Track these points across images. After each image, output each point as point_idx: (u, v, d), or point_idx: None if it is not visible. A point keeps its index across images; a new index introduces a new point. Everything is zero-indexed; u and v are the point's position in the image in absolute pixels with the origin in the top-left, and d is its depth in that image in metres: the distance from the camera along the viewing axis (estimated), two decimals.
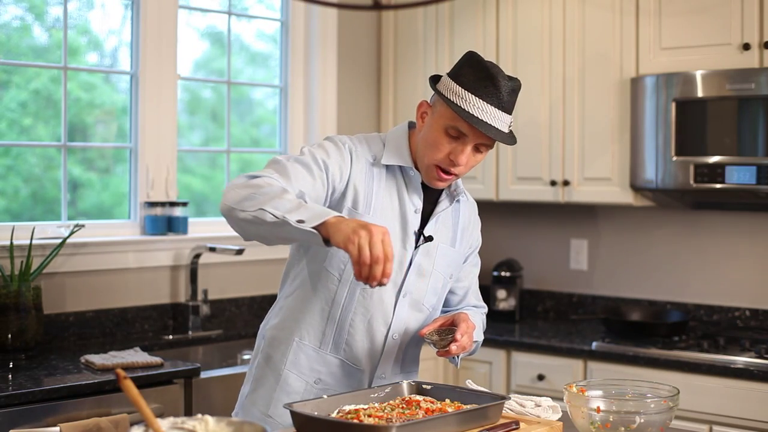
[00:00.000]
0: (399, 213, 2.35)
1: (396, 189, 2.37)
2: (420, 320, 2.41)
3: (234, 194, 2.11)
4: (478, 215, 2.56)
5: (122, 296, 3.72)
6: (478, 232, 2.56)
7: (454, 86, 2.26)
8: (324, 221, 1.99)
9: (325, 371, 2.35)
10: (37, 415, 2.79)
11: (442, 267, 2.42)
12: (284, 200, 2.05)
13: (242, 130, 4.39)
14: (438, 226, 2.41)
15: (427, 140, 2.31)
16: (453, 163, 2.28)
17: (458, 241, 2.46)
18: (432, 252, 2.39)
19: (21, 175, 3.69)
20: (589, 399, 2.05)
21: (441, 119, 2.28)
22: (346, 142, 2.34)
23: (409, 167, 2.36)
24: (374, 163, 2.35)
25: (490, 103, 2.23)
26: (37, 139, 3.71)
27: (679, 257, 4.08)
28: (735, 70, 3.50)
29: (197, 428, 1.64)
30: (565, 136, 3.99)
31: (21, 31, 3.68)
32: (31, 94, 3.69)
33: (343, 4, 3.85)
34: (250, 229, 2.11)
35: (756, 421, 3.24)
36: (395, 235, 2.34)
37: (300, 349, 2.36)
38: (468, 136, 2.25)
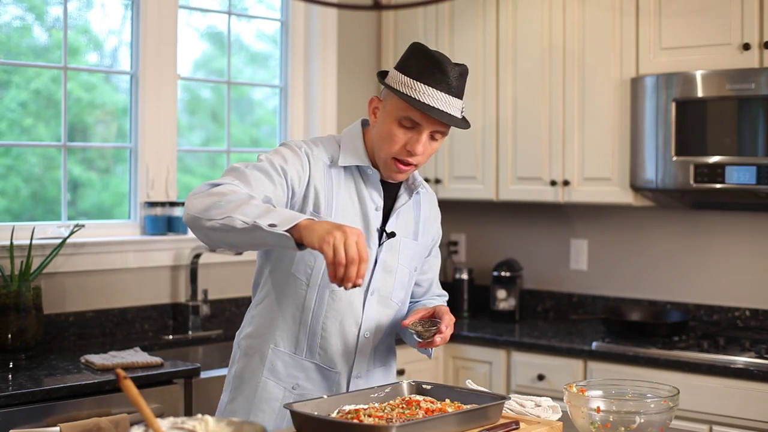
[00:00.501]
0: (360, 212, 2.37)
1: (355, 188, 2.39)
2: (389, 315, 2.44)
3: (198, 203, 2.10)
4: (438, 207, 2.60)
5: (122, 296, 3.72)
6: (439, 224, 2.60)
7: (402, 77, 2.28)
8: (296, 224, 2.00)
9: (303, 376, 2.36)
10: (37, 415, 2.79)
11: (407, 261, 2.45)
12: (252, 206, 2.05)
13: (242, 130, 4.39)
14: (399, 221, 2.43)
15: (381, 134, 2.33)
16: (410, 153, 2.30)
17: (420, 233, 2.49)
18: (395, 247, 2.41)
19: (21, 175, 3.69)
20: (589, 399, 2.05)
21: (393, 111, 2.30)
22: (302, 146, 2.34)
23: (366, 166, 2.38)
24: (331, 164, 2.37)
25: (439, 89, 2.26)
26: (38, 139, 3.71)
27: (679, 257, 4.08)
28: (735, 70, 3.50)
29: (197, 428, 1.64)
30: (565, 136, 3.99)
31: (21, 31, 3.68)
32: (31, 94, 3.69)
33: (343, 4, 3.85)
34: (218, 236, 2.10)
35: (756, 421, 3.24)
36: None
37: (276, 356, 2.37)
38: (422, 124, 2.28)
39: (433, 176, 4.37)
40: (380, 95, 2.38)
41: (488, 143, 4.21)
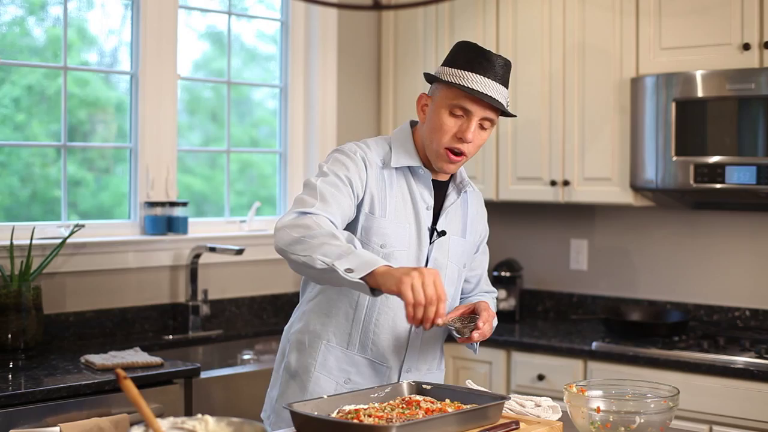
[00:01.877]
0: (413, 212, 2.45)
1: (407, 189, 2.46)
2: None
3: (285, 236, 2.21)
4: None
5: (122, 296, 3.72)
6: (485, 221, 2.68)
7: (450, 70, 2.37)
8: (372, 271, 2.07)
9: (354, 371, 2.44)
10: (37, 415, 2.79)
11: (456, 258, 2.52)
12: (333, 246, 2.13)
13: (242, 131, 4.38)
14: (449, 219, 2.50)
15: (432, 126, 2.40)
16: (461, 140, 2.36)
17: (468, 231, 2.56)
18: (445, 245, 2.48)
19: (18, 173, 3.69)
20: (589, 399, 2.05)
21: (443, 102, 2.37)
22: (357, 151, 2.43)
23: (418, 166, 2.45)
24: (384, 166, 2.45)
25: (486, 76, 2.34)
26: (32, 135, 3.71)
27: (679, 257, 4.08)
28: (735, 70, 3.50)
29: (197, 428, 1.64)
30: (565, 136, 3.99)
31: (19, 30, 3.68)
32: (24, 90, 3.69)
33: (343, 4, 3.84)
34: (302, 270, 2.22)
35: (756, 421, 3.24)
36: (411, 232, 2.44)
37: (328, 351, 2.44)
38: (471, 110, 2.35)
39: None
40: (429, 93, 2.46)
41: (488, 144, 4.21)
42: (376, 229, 2.40)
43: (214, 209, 4.28)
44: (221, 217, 4.21)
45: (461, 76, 2.34)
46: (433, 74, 2.44)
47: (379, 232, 2.41)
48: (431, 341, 2.52)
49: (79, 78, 3.83)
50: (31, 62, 3.68)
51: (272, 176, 4.46)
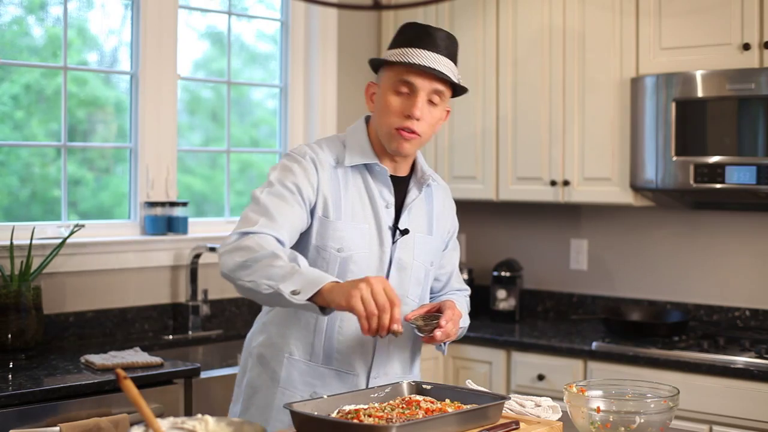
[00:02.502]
0: (371, 211, 2.36)
1: (364, 188, 2.37)
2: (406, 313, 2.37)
3: (229, 261, 2.15)
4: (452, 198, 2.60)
5: (122, 296, 3.72)
6: (454, 215, 2.58)
7: (392, 50, 2.32)
8: (319, 290, 2.02)
9: (320, 383, 2.34)
10: (37, 415, 2.79)
11: (422, 257, 2.42)
12: (276, 267, 2.07)
13: (242, 131, 4.38)
14: (412, 216, 2.41)
15: (380, 110, 2.33)
16: (410, 117, 2.28)
17: (435, 228, 2.47)
18: (410, 244, 2.39)
19: (17, 173, 3.68)
20: (589, 399, 2.05)
21: (387, 83, 2.31)
22: (307, 153, 2.33)
23: (374, 163, 2.36)
24: (337, 165, 2.35)
25: (428, 49, 2.28)
26: (31, 134, 3.70)
27: (679, 257, 4.08)
28: (735, 70, 3.50)
29: (197, 428, 1.64)
30: (565, 136, 3.99)
31: (19, 29, 3.68)
32: (22, 88, 3.68)
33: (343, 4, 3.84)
34: (251, 296, 2.16)
35: (756, 421, 3.24)
36: (371, 233, 2.34)
37: (291, 365, 2.35)
38: (417, 85, 2.28)
39: None
40: (376, 80, 2.40)
41: (488, 143, 4.21)
42: (331, 233, 2.30)
43: (214, 209, 4.28)
44: (221, 217, 4.22)
45: (403, 53, 2.28)
46: (376, 60, 2.38)
47: (335, 236, 2.30)
48: (400, 344, 2.41)
49: (78, 77, 3.83)
50: (31, 62, 3.68)
51: None
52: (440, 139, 4.36)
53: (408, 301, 2.40)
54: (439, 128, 2.41)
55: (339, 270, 2.31)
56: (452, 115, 4.32)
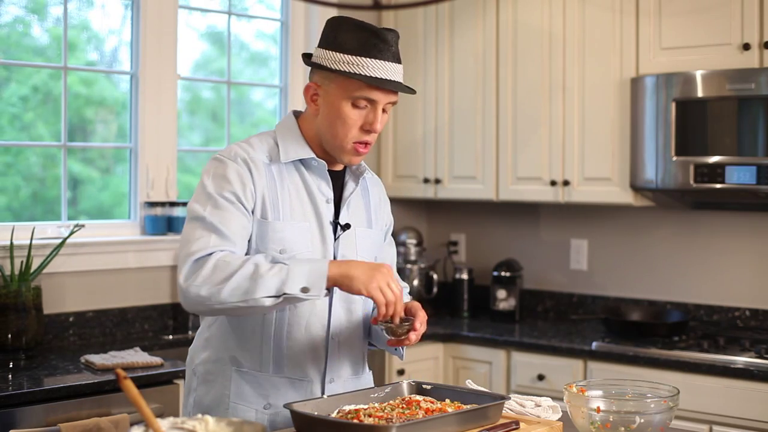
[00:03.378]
0: (311, 208, 2.25)
1: (302, 183, 2.26)
2: (357, 311, 2.32)
3: (202, 289, 2.04)
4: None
5: (122, 296, 3.72)
6: (389, 210, 2.49)
7: (340, 56, 2.16)
8: (327, 277, 2.03)
9: (273, 393, 2.22)
10: (37, 415, 2.79)
11: (365, 251, 2.33)
12: (266, 277, 2.02)
13: (242, 131, 4.39)
14: (351, 210, 2.32)
15: (333, 121, 2.20)
16: (369, 132, 2.19)
17: (374, 220, 2.38)
18: (351, 239, 2.30)
19: (22, 173, 3.70)
20: (589, 399, 2.05)
21: (342, 93, 2.17)
22: (238, 154, 2.21)
23: (311, 158, 2.25)
24: (271, 162, 2.24)
25: (385, 59, 2.16)
26: (38, 135, 3.71)
27: (679, 257, 4.08)
28: (735, 70, 3.50)
29: (197, 428, 1.64)
30: (565, 136, 3.99)
31: (21, 29, 3.68)
32: (30, 89, 3.69)
33: (343, 4, 3.84)
34: (239, 313, 2.08)
35: (756, 421, 3.24)
36: (312, 230, 2.24)
37: (241, 377, 2.23)
38: (377, 100, 2.17)
39: (433, 176, 4.37)
40: (312, 80, 2.24)
41: (488, 143, 4.21)
42: (271, 234, 2.18)
43: None
44: None
45: (358, 64, 2.13)
46: (314, 58, 2.21)
47: (275, 237, 2.18)
48: (352, 344, 2.32)
49: (85, 77, 3.83)
50: (33, 62, 3.68)
51: None
52: (440, 139, 4.36)
53: (355, 299, 2.30)
54: None
55: None
56: (452, 115, 4.32)
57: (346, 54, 2.15)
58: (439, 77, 4.35)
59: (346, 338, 2.30)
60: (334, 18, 2.24)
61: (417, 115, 4.44)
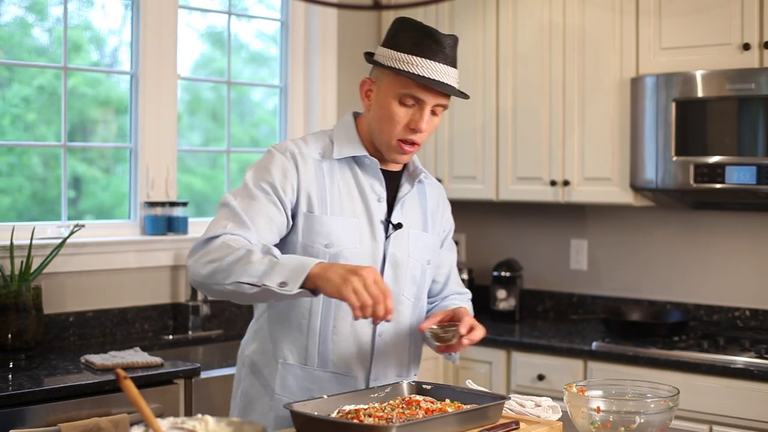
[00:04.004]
0: (362, 205, 2.27)
1: (354, 181, 2.28)
2: (404, 313, 2.34)
3: (200, 268, 2.08)
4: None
5: (122, 296, 3.72)
6: (449, 215, 2.50)
7: (396, 54, 2.18)
8: (307, 275, 1.97)
9: (317, 387, 2.25)
10: (37, 415, 2.79)
11: (418, 253, 2.34)
12: (254, 264, 2.01)
13: (242, 130, 4.39)
14: (405, 211, 2.33)
15: (381, 116, 2.22)
16: (414, 131, 2.21)
17: (430, 224, 2.39)
18: (404, 239, 2.31)
19: (24, 173, 3.70)
20: (589, 399, 2.05)
21: (391, 90, 2.20)
22: (288, 147, 2.25)
23: (363, 156, 2.28)
24: (323, 159, 2.26)
25: (437, 60, 2.17)
26: (41, 135, 3.71)
27: (679, 257, 4.08)
28: (735, 70, 3.50)
29: (197, 428, 1.64)
30: (565, 136, 3.99)
31: (22, 29, 3.68)
32: (35, 90, 3.70)
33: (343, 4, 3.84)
34: (233, 298, 2.09)
35: (756, 421, 3.24)
36: (362, 227, 2.25)
37: (286, 370, 2.27)
38: (424, 100, 2.18)
39: (433, 176, 4.37)
40: (371, 76, 2.28)
41: (488, 143, 4.21)
42: (318, 228, 2.21)
43: (214, 209, 4.28)
44: None
45: (409, 62, 2.15)
46: (374, 56, 2.24)
47: (322, 231, 2.21)
48: (400, 344, 2.33)
49: (90, 77, 3.83)
50: (33, 62, 3.68)
51: None
52: (440, 139, 4.36)
53: (403, 300, 2.33)
54: None
55: None
56: (452, 115, 4.32)
57: (400, 52, 2.18)
58: None
59: (393, 338, 2.31)
60: (399, 18, 2.26)
61: None
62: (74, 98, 3.74)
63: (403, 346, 2.36)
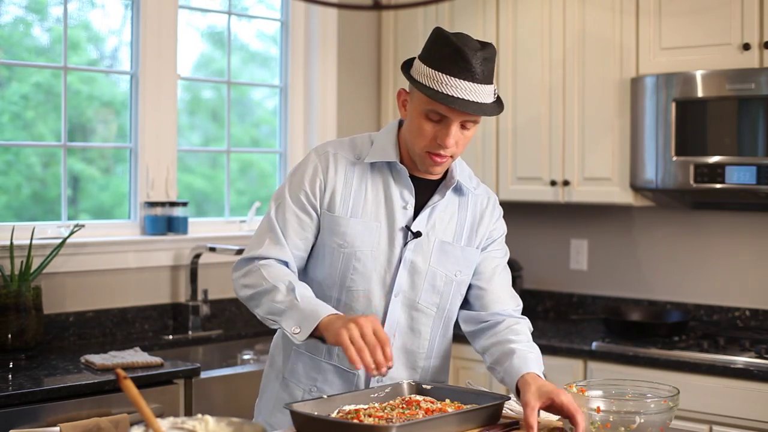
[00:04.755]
0: (385, 210, 2.30)
1: (383, 186, 2.31)
2: (423, 321, 2.35)
3: (239, 289, 2.31)
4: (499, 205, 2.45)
5: (122, 296, 3.72)
6: (497, 223, 2.44)
7: (425, 69, 2.18)
8: (316, 326, 2.11)
9: (321, 378, 2.32)
10: (37, 415, 2.79)
11: (441, 263, 2.33)
12: (277, 303, 2.19)
13: (242, 130, 4.39)
14: (433, 220, 2.32)
15: (411, 129, 2.25)
16: (441, 146, 2.21)
17: (465, 236, 2.37)
18: (425, 248, 2.31)
19: (22, 172, 3.70)
20: (589, 399, 2.05)
21: (419, 105, 2.21)
22: (326, 148, 2.35)
23: (394, 162, 2.30)
24: (357, 162, 2.31)
25: (464, 78, 2.14)
26: (39, 133, 3.71)
27: (679, 257, 4.08)
28: (735, 70, 3.50)
29: (197, 428, 1.64)
30: (565, 136, 3.99)
31: (22, 29, 3.69)
32: (32, 87, 3.69)
33: (343, 4, 3.84)
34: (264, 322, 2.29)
35: (756, 421, 3.24)
36: (381, 232, 2.29)
37: (297, 356, 2.36)
38: (449, 116, 2.18)
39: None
40: (408, 86, 2.30)
41: (488, 144, 4.21)
42: (334, 228, 2.28)
43: (215, 208, 4.28)
44: (222, 216, 4.21)
45: (435, 79, 2.16)
46: (411, 65, 2.27)
47: (338, 231, 2.27)
48: (412, 353, 2.37)
49: (86, 76, 3.83)
50: (33, 62, 3.68)
51: (273, 176, 4.46)
52: None
53: (421, 308, 2.33)
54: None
55: (342, 266, 2.29)
56: None
57: (428, 67, 2.19)
58: None
59: (404, 345, 2.35)
60: (435, 29, 2.25)
61: None
62: (69, 95, 3.73)
63: (416, 354, 2.37)
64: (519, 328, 2.42)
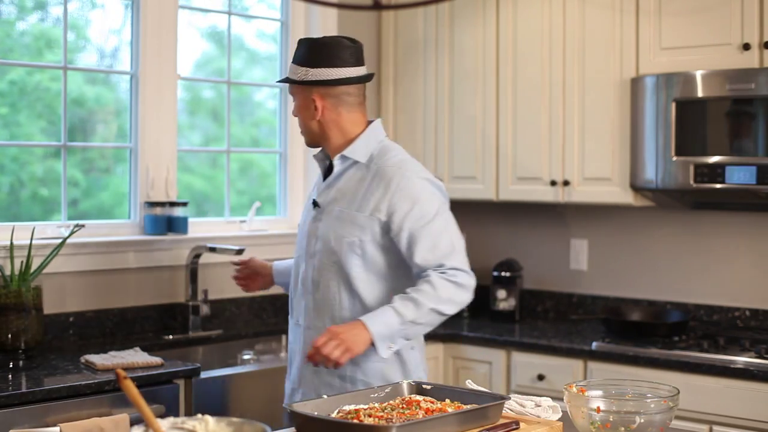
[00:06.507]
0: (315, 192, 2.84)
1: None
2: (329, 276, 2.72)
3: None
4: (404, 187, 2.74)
5: (122, 296, 3.72)
6: (390, 200, 2.67)
7: None
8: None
9: (292, 338, 2.86)
10: (37, 415, 2.79)
11: (338, 228, 2.70)
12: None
13: (242, 130, 4.39)
14: (332, 191, 2.75)
15: None
16: None
17: (359, 203, 2.70)
18: (325, 216, 2.74)
19: (14, 173, 3.68)
20: (589, 399, 2.05)
21: None
22: None
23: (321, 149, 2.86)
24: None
25: (293, 61, 2.75)
26: (19, 130, 3.68)
27: (679, 257, 4.08)
28: (735, 70, 3.50)
29: (197, 428, 1.64)
30: (565, 136, 3.99)
31: (22, 28, 3.68)
32: (7, 84, 3.66)
33: (343, 4, 3.84)
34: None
35: (756, 421, 3.24)
36: (308, 210, 2.83)
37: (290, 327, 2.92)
38: None
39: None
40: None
41: (488, 143, 4.21)
42: None
43: (215, 208, 4.28)
44: (222, 216, 4.21)
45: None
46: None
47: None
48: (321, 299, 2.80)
49: (86, 77, 3.82)
50: (31, 63, 3.68)
51: (273, 176, 4.46)
52: (440, 139, 4.36)
53: (323, 265, 2.73)
54: (310, 117, 2.73)
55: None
56: (452, 115, 4.32)
57: None
58: (439, 77, 4.35)
59: (322, 298, 2.75)
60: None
61: (417, 116, 4.44)
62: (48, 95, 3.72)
63: (332, 306, 2.75)
64: (419, 283, 2.69)
